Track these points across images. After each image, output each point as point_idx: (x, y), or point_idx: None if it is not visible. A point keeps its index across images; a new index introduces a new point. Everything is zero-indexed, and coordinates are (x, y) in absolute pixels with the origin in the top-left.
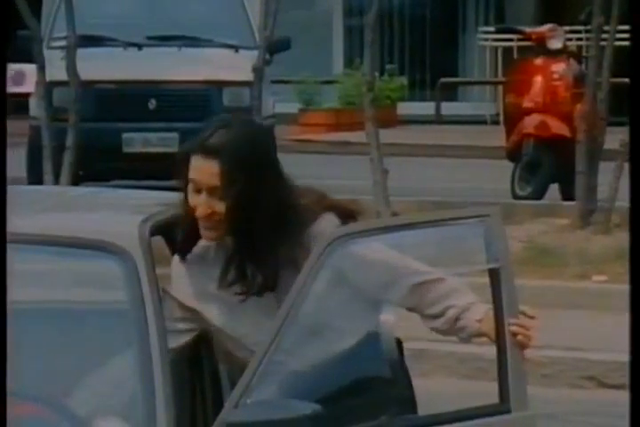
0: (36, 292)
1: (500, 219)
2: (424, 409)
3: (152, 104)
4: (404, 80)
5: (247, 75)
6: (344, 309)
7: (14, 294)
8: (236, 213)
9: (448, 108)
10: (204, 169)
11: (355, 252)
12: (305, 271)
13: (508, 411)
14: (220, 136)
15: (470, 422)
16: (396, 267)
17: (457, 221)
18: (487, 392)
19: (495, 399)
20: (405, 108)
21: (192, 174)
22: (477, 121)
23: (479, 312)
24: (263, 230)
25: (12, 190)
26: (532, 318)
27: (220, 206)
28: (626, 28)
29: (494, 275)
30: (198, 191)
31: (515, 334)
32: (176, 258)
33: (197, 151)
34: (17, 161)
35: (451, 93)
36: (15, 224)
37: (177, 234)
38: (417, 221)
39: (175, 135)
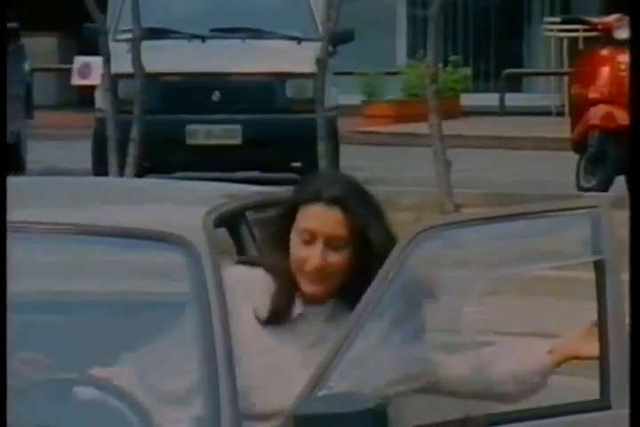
0: (100, 283)
1: (609, 210)
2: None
3: (216, 96)
4: (468, 71)
5: (310, 66)
6: (425, 300)
7: (78, 284)
8: (363, 261)
9: (512, 99)
10: (325, 218)
11: (441, 246)
12: (388, 264)
13: (608, 407)
14: (339, 186)
15: (568, 418)
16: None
17: (564, 212)
18: (559, 386)
19: (566, 393)
20: (469, 100)
21: (308, 224)
22: (542, 112)
23: (543, 347)
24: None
25: (78, 182)
26: None
27: (336, 257)
28: None
29: (599, 268)
30: (310, 242)
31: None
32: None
33: (318, 200)
34: (83, 153)
35: (515, 84)
36: (80, 216)
37: (240, 228)
38: (519, 212)
39: (238, 127)
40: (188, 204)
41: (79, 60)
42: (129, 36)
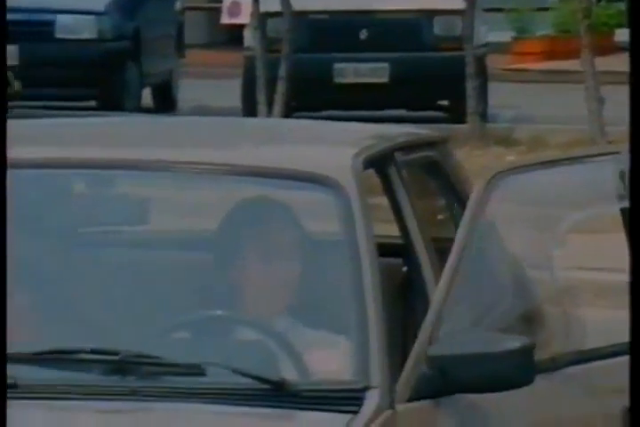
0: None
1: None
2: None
3: (363, 34)
4: (622, 6)
5: (459, 3)
6: (512, 240)
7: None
8: None
9: None
10: None
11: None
12: (470, 208)
13: None
14: None
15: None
16: None
17: (590, 159)
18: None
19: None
20: (624, 35)
21: None
22: None
23: None
24: None
25: (231, 122)
26: None
27: None
28: None
29: (625, 213)
30: None
31: None
32: None
33: None
34: (232, 91)
35: None
36: (234, 156)
37: (388, 169)
38: (550, 159)
39: (385, 65)
40: (338, 145)
41: None
42: None
